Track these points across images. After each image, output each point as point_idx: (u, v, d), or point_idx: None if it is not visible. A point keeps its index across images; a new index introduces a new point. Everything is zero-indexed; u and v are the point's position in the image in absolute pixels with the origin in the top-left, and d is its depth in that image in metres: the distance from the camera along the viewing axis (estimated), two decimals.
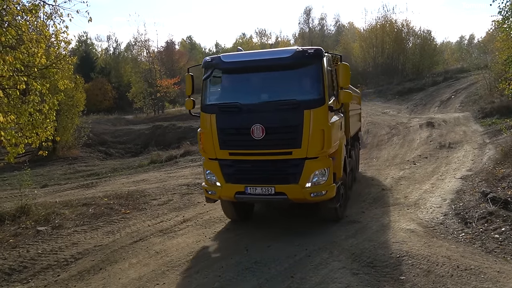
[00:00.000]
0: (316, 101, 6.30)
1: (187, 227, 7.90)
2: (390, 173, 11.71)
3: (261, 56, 6.91)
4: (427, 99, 28.02)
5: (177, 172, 14.55)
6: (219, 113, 6.66)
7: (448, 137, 15.52)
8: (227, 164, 6.69)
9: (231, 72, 7.00)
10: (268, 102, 6.45)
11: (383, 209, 8.22)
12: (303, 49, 6.46)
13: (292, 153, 6.31)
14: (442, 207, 7.93)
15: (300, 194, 6.34)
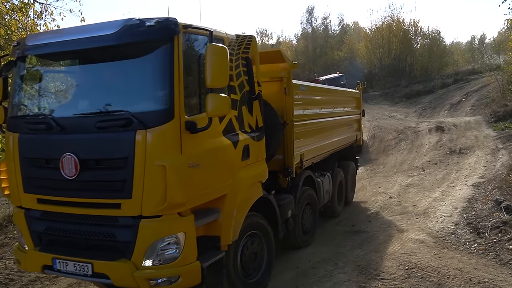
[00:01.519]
0: (157, 115, 3.73)
1: None
2: (398, 180, 11.69)
3: (78, 34, 4.09)
4: (436, 102, 28.02)
5: None
6: (22, 132, 4.26)
7: (458, 142, 15.50)
8: (35, 217, 4.27)
9: (41, 62, 4.61)
10: (84, 117, 4.03)
11: (391, 218, 8.19)
12: (139, 21, 3.77)
13: (121, 206, 3.79)
14: (453, 216, 7.90)
15: (129, 279, 3.77)
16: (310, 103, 7.02)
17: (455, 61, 43.25)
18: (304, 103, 6.59)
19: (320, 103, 7.66)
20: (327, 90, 9.11)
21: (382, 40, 40.83)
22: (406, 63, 40.38)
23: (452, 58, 42.84)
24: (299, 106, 6.32)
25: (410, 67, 40.25)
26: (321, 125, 7.58)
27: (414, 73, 39.73)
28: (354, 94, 10.62)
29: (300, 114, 6.40)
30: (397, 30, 40.44)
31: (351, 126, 9.80)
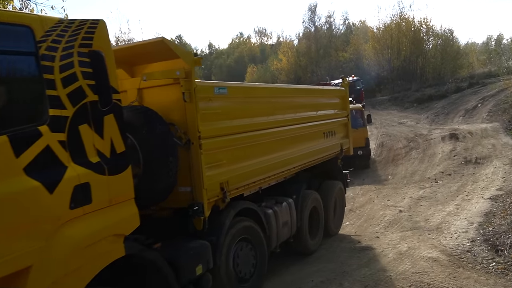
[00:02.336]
0: None
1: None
2: (408, 192, 11.70)
3: None
4: (450, 108, 28.13)
5: None
6: None
7: (474, 151, 15.54)
8: None
9: None
10: None
11: (401, 234, 8.19)
12: None
13: None
14: (468, 232, 7.90)
15: None
16: (240, 110, 5.59)
17: (470, 63, 43.53)
18: (226, 111, 5.26)
19: (266, 109, 6.17)
20: (281, 91, 7.36)
21: (391, 40, 41.12)
22: (417, 65, 40.62)
23: (466, 60, 43.12)
24: (216, 117, 5.05)
25: (421, 69, 40.49)
26: (270, 137, 6.12)
27: (425, 76, 39.95)
28: (336, 92, 9.29)
29: (219, 127, 5.09)
30: (407, 30, 40.75)
31: (331, 134, 8.32)
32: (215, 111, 5.03)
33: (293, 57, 52.73)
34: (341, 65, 44.91)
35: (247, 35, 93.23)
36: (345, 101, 9.27)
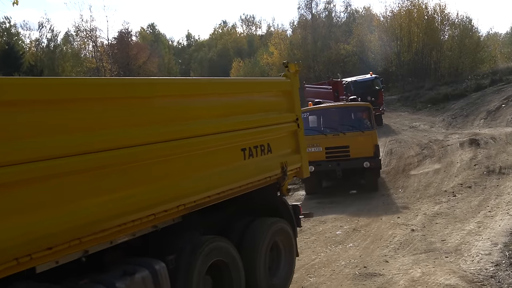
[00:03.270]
0: None
1: None
2: (422, 208, 11.75)
3: None
4: (470, 109, 28.41)
5: None
6: None
7: (498, 160, 15.68)
8: None
9: None
10: None
11: (413, 258, 8.21)
12: None
13: None
14: (492, 255, 7.94)
15: None
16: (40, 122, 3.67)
17: (492, 57, 44.09)
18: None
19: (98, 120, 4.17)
20: (149, 87, 5.01)
21: (401, 30, 41.49)
22: (431, 59, 41.01)
23: (488, 53, 43.65)
24: None
25: (436, 64, 40.88)
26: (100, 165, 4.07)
27: (441, 71, 40.36)
28: (270, 86, 7.53)
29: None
30: (419, 18, 41.12)
31: (261, 149, 6.35)
32: None
33: (286, 50, 52.96)
34: (342, 59, 45.27)
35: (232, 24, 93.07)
36: (289, 97, 7.27)
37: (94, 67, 46.96)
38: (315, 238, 9.77)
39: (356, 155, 13.95)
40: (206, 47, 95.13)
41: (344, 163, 13.97)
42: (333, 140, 14.13)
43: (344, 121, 14.76)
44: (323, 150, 14.02)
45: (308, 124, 14.13)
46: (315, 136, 13.88)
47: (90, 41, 48.72)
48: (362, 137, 14.06)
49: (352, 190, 14.87)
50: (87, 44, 49.34)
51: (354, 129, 14.26)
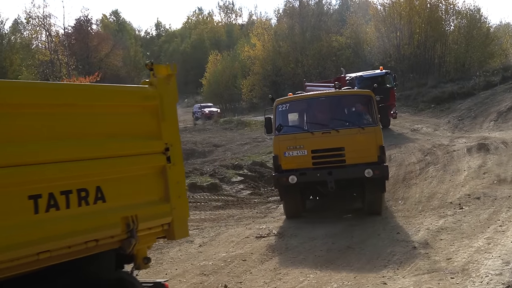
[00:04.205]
0: None
1: None
2: (425, 222, 11.84)
3: None
4: (478, 110, 28.80)
5: None
6: None
7: (510, 167, 15.88)
8: None
9: None
10: None
11: (415, 279, 8.27)
12: None
13: None
14: (503, 275, 8.03)
15: None
16: None
17: (503, 51, 44.65)
18: None
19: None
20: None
21: (400, 20, 41.87)
22: (435, 53, 41.43)
23: (499, 47, 44.19)
24: None
25: (440, 58, 41.30)
26: None
27: (445, 67, 40.79)
28: (116, 96, 5.12)
29: None
30: (421, 6, 41.48)
31: (80, 196, 4.36)
32: None
33: (270, 41, 53.09)
34: (334, 52, 45.49)
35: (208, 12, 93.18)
36: (156, 117, 5.27)
37: (48, 60, 46.38)
38: (303, 258, 9.79)
39: (354, 160, 12.19)
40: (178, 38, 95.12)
41: (338, 171, 12.08)
42: (323, 140, 12.30)
43: (337, 115, 13.12)
44: (309, 154, 12.24)
45: (287, 119, 13.19)
46: (297, 135, 12.52)
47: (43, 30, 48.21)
48: (362, 136, 12.27)
49: (347, 214, 13.78)
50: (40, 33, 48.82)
51: (351, 125, 12.57)
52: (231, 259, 10.06)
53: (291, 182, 11.98)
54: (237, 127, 37.33)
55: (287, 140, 12.45)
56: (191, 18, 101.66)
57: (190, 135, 35.14)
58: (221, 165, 20.65)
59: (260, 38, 55.49)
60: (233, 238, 11.77)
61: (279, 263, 9.52)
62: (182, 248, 11.23)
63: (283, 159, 12.32)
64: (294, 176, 11.87)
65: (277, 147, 12.58)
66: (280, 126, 12.65)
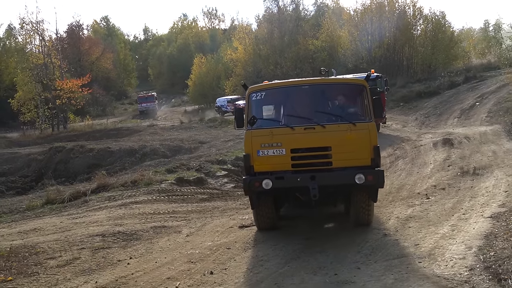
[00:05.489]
0: None
1: None
2: (395, 211, 11.94)
3: None
4: (443, 107, 29.12)
5: (87, 216, 14.19)
6: None
7: (472, 160, 16.08)
8: None
9: None
10: None
11: (386, 263, 8.34)
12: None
13: None
14: (466, 259, 8.13)
15: None
16: None
17: (466, 53, 45.13)
18: None
19: None
20: None
21: (372, 25, 42.11)
22: (403, 56, 41.77)
23: (462, 49, 44.66)
24: None
25: (408, 60, 41.65)
26: None
27: (413, 68, 41.13)
28: None
29: None
30: (390, 12, 41.80)
31: None
32: None
33: (251, 45, 53.07)
34: (311, 55, 45.58)
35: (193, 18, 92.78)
36: None
37: (42, 63, 45.78)
38: (283, 245, 9.82)
39: (343, 163, 9.52)
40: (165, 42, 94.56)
41: (323, 176, 9.33)
42: (305, 138, 9.54)
43: (323, 107, 10.26)
44: (288, 154, 9.51)
45: (261, 111, 10.41)
46: (274, 130, 9.68)
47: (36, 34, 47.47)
48: (353, 134, 9.47)
49: (328, 223, 11.84)
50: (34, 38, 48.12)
51: (339, 120, 9.80)
52: (217, 248, 10.08)
53: (265, 188, 9.33)
54: (221, 125, 37.27)
55: (261, 136, 9.64)
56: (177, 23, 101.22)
57: (177, 133, 35.04)
58: (207, 160, 20.60)
59: (241, 42, 55.47)
60: (218, 228, 11.78)
61: (261, 250, 9.54)
62: (171, 238, 11.23)
63: (256, 159, 9.60)
64: (268, 180, 9.30)
65: (249, 144, 9.74)
66: (254, 118, 9.83)
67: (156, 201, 15.09)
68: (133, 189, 16.80)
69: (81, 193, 18.12)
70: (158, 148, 28.45)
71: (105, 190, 17.80)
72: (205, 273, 8.56)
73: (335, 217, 12.10)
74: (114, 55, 73.65)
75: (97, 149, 29.62)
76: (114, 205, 15.24)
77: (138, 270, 8.91)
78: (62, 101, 44.31)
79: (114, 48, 75.47)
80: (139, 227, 12.19)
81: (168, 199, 15.33)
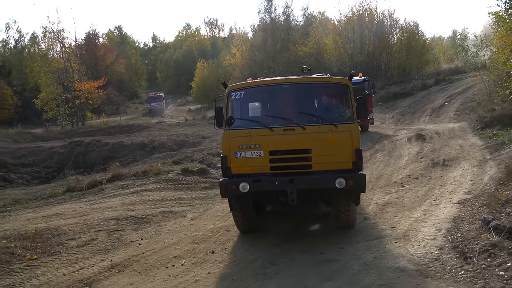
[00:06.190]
0: None
1: (117, 275, 7.69)
2: (374, 198, 11.99)
3: None
4: (416, 107, 29.21)
5: (103, 202, 14.17)
6: None
7: (442, 153, 16.15)
8: None
9: None
10: None
11: (366, 244, 8.39)
12: None
13: None
14: (436, 239, 8.20)
15: None
16: None
17: (436, 59, 45.29)
18: None
19: None
20: None
21: (354, 33, 42.11)
22: (382, 61, 41.83)
23: (433, 55, 44.83)
24: None
25: (386, 65, 41.72)
26: None
27: (390, 72, 41.21)
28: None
29: None
30: (370, 22, 41.88)
31: None
32: None
33: (247, 51, 52.98)
34: (300, 60, 45.52)
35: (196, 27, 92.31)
36: None
37: (62, 67, 45.59)
38: (276, 228, 9.85)
39: (323, 166, 8.32)
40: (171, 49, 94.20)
41: (302, 179, 8.18)
42: (284, 139, 8.32)
43: (303, 107, 8.93)
44: (266, 156, 8.31)
45: (240, 111, 9.12)
46: (252, 131, 8.42)
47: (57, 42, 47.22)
48: (334, 136, 8.23)
49: (313, 225, 10.47)
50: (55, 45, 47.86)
51: (320, 121, 8.56)
52: (217, 230, 10.10)
53: (242, 191, 8.16)
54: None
55: (239, 137, 8.41)
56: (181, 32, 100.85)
57: (182, 129, 35.00)
58: (208, 153, 20.59)
59: (239, 49, 55.42)
60: (218, 213, 11.78)
61: (256, 233, 9.55)
62: (177, 221, 11.23)
63: (234, 160, 8.41)
64: (246, 183, 8.15)
65: (226, 145, 8.50)
66: (231, 118, 8.65)
67: (164, 189, 15.07)
68: (144, 179, 16.77)
69: (97, 182, 18.08)
70: (166, 142, 28.44)
71: (119, 180, 17.76)
72: (208, 252, 8.60)
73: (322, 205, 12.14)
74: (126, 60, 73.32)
75: (111, 143, 29.61)
76: (126, 192, 15.21)
77: (148, 250, 8.94)
78: (80, 101, 44.20)
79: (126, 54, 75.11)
80: (149, 212, 12.19)
81: (174, 187, 15.31)
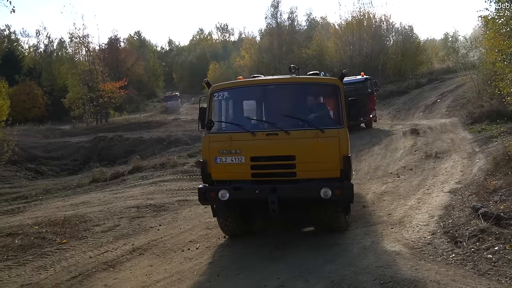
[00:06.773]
0: None
1: (138, 257, 7.74)
2: (372, 187, 11.97)
3: None
4: (411, 104, 29.02)
5: (125, 192, 14.27)
6: None
7: (434, 146, 16.07)
8: None
9: None
10: None
11: (365, 229, 8.38)
12: None
13: None
14: (429, 225, 8.18)
15: None
16: None
17: (429, 60, 44.96)
18: None
19: None
20: None
21: (353, 37, 41.85)
22: (379, 62, 41.55)
23: (426, 56, 44.50)
24: None
25: (382, 66, 41.45)
26: None
27: (387, 72, 40.95)
28: None
29: None
30: (368, 26, 41.62)
31: None
32: None
33: (255, 54, 52.90)
34: (304, 61, 45.33)
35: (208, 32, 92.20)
36: None
37: (87, 70, 45.78)
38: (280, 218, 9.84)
39: (308, 174, 7.12)
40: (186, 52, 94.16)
41: (285, 188, 7.02)
42: (267, 145, 7.18)
43: (289, 110, 7.70)
44: (247, 162, 7.19)
45: (222, 113, 8.01)
46: (234, 135, 7.33)
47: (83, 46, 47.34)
48: (321, 141, 7.02)
49: (307, 227, 9.14)
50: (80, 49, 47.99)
51: (306, 126, 7.28)
52: None
53: (221, 199, 7.10)
54: None
55: (219, 141, 7.33)
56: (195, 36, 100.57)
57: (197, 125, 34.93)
58: None
59: (248, 51, 55.32)
60: None
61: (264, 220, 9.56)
62: (192, 209, 11.26)
63: (214, 166, 7.33)
64: (225, 191, 7.08)
65: (206, 150, 7.44)
66: (211, 122, 7.53)
67: (180, 180, 15.13)
68: (161, 170, 16.86)
69: (120, 173, 18.21)
70: (181, 137, 28.52)
71: (139, 171, 17.88)
72: (220, 237, 8.62)
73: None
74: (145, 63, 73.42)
75: (132, 138, 29.75)
76: (146, 183, 15.30)
77: (166, 235, 8.99)
78: (104, 100, 44.30)
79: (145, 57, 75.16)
80: (166, 200, 12.24)
81: (189, 178, 15.36)
